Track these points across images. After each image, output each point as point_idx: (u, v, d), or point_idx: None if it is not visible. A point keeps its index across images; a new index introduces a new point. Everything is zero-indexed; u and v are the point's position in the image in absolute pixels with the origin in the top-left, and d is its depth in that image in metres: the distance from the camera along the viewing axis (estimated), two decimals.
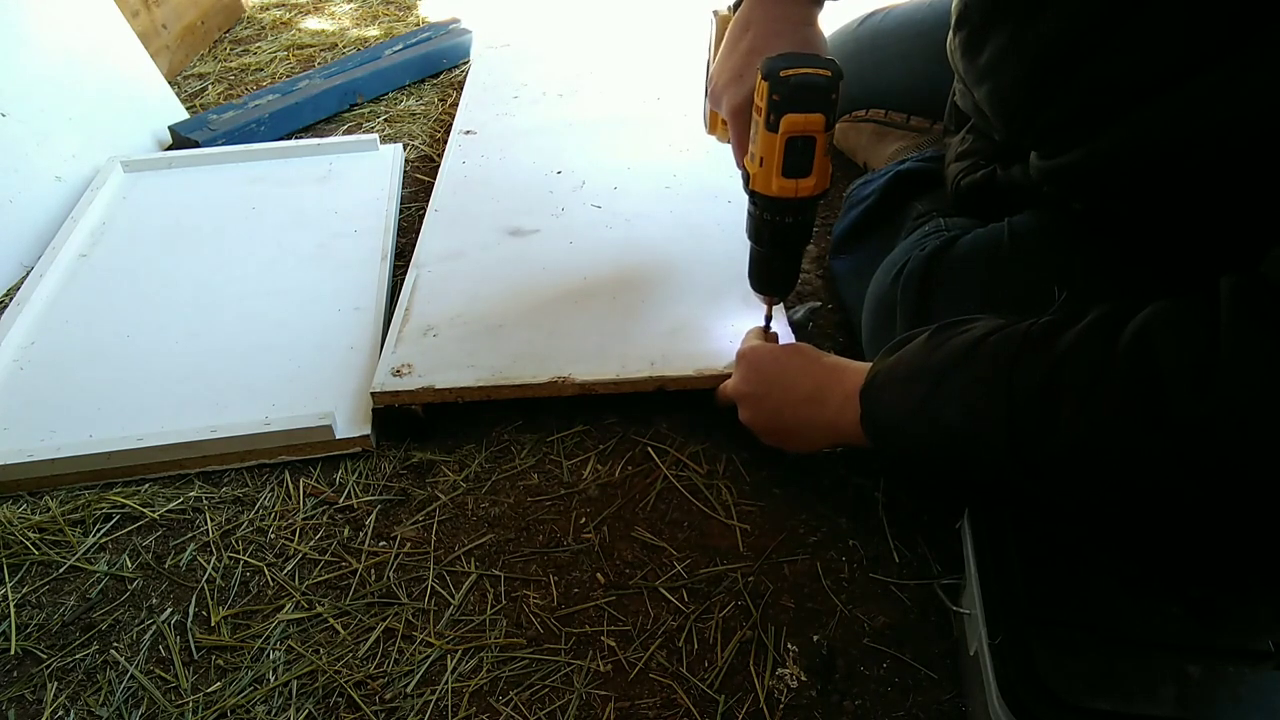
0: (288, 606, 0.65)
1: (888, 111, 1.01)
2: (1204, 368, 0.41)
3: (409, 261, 0.91)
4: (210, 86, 1.43)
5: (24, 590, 0.67)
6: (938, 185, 0.82)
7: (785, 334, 0.78)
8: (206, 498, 0.73)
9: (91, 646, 0.63)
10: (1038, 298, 0.59)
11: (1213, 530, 0.52)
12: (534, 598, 0.65)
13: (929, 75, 0.90)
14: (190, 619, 0.65)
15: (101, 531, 0.71)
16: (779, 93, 0.56)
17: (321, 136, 1.25)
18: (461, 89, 1.29)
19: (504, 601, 0.65)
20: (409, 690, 0.59)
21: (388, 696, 0.59)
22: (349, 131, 1.28)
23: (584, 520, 0.70)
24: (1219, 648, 0.46)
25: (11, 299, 0.91)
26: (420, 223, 0.97)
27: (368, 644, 0.62)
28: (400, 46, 1.42)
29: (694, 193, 0.99)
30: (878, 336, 0.71)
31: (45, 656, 0.63)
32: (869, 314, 0.74)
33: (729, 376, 0.73)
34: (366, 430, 0.76)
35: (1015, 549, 0.52)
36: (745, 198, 0.65)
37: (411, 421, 0.77)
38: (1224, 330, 0.41)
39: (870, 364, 0.60)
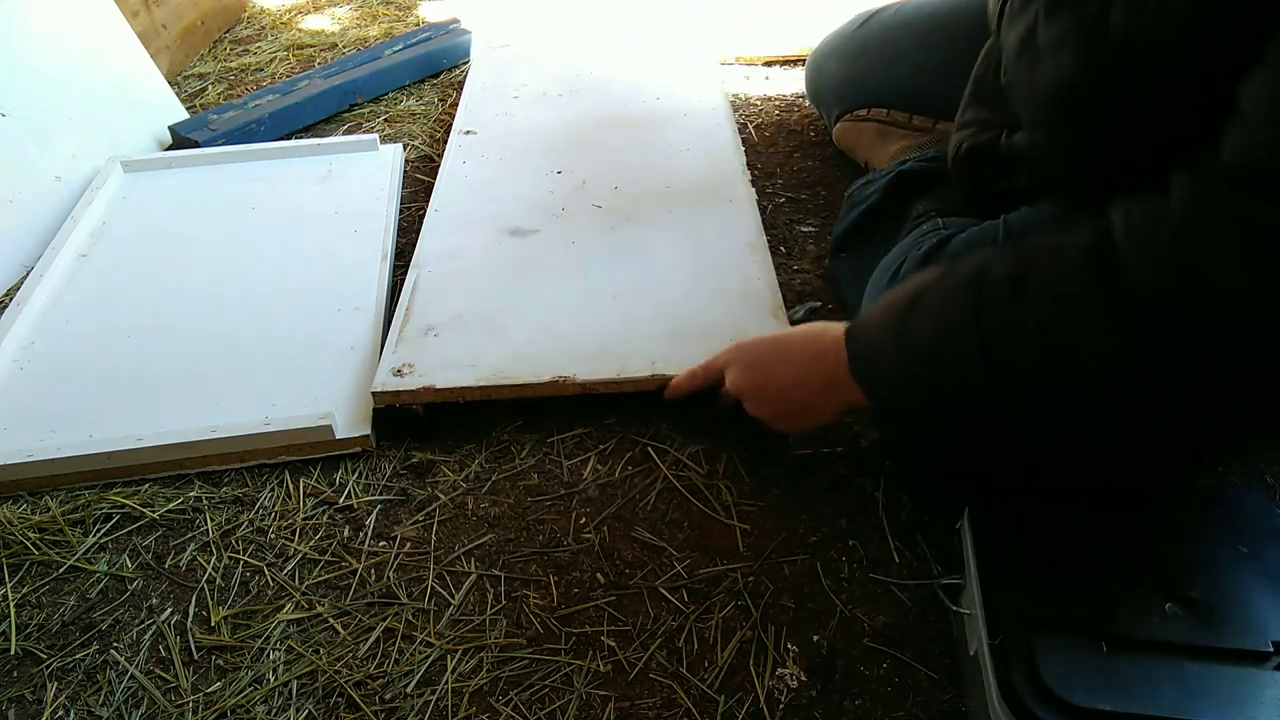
0: (288, 606, 0.65)
1: (890, 111, 1.01)
2: (1157, 234, 0.42)
3: (409, 261, 0.91)
4: (210, 86, 1.43)
5: (24, 590, 0.67)
6: (939, 185, 0.82)
7: None
8: (206, 498, 0.73)
9: (91, 646, 0.63)
10: None
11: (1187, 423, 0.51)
12: (534, 598, 0.65)
13: (941, 71, 0.89)
14: (190, 619, 0.65)
15: (101, 531, 0.71)
16: None
17: (321, 136, 1.25)
18: (461, 89, 1.29)
19: (504, 601, 0.65)
20: (409, 690, 0.59)
21: (388, 696, 0.59)
22: (349, 131, 1.28)
23: (584, 520, 0.70)
24: (1219, 648, 0.46)
25: (11, 299, 0.91)
26: (420, 223, 0.97)
27: (368, 644, 0.62)
28: (400, 46, 1.42)
29: (694, 193, 0.99)
30: None
31: (45, 656, 0.63)
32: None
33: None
34: (366, 430, 0.76)
35: (1015, 549, 0.52)
36: (744, 197, 0.65)
37: (412, 421, 0.77)
38: (1176, 198, 0.42)
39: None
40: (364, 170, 1.11)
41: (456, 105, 1.24)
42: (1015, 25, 0.58)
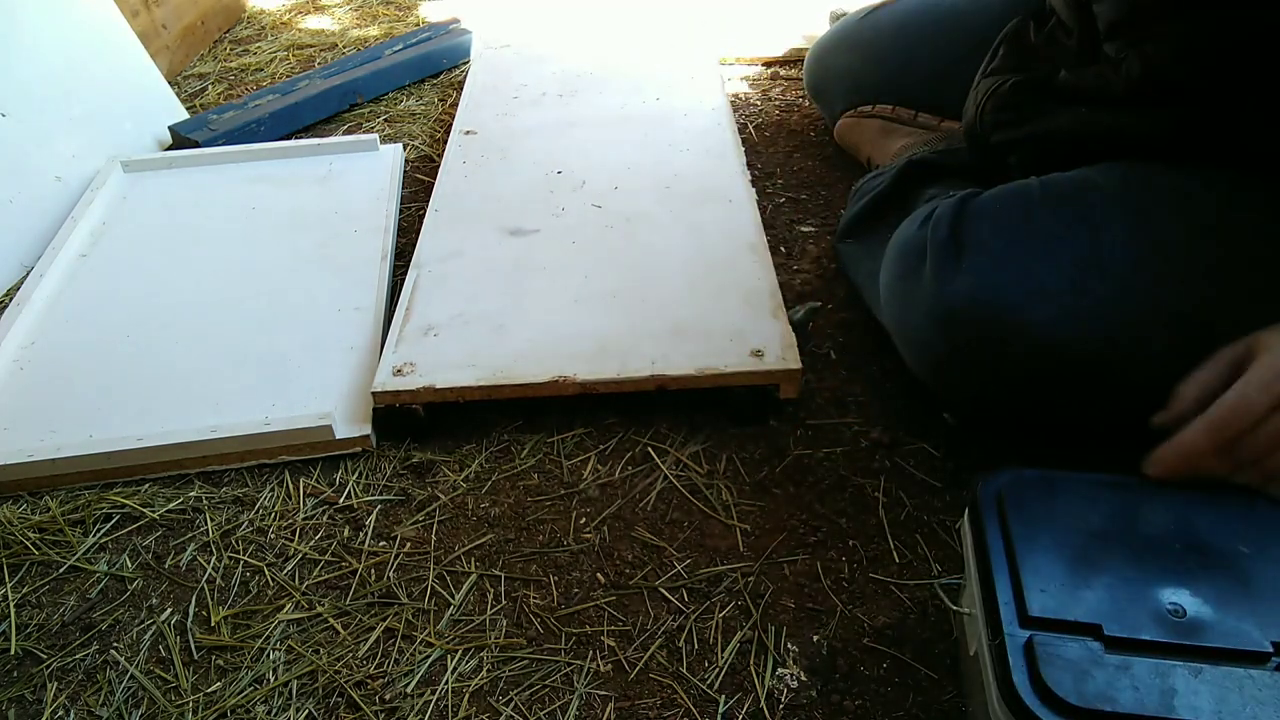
0: (288, 606, 0.65)
1: (895, 108, 1.00)
2: None
3: (409, 261, 0.91)
4: (210, 86, 1.43)
5: (24, 590, 0.67)
6: (950, 175, 0.81)
7: None
8: (206, 498, 0.73)
9: (91, 646, 0.63)
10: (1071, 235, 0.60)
11: None
12: (534, 598, 0.65)
13: (952, 63, 0.87)
14: (190, 619, 0.65)
15: (101, 531, 0.71)
16: None
17: (321, 136, 1.25)
18: (461, 89, 1.29)
19: (504, 601, 0.65)
20: (409, 690, 0.59)
21: (388, 696, 0.59)
22: (349, 131, 1.28)
23: (584, 520, 0.70)
24: (1219, 648, 0.46)
25: (11, 299, 0.91)
26: (420, 223, 0.97)
27: (368, 644, 0.62)
28: (400, 46, 1.42)
29: (694, 193, 0.99)
30: (905, 279, 0.69)
31: (45, 656, 0.63)
32: (892, 263, 0.72)
33: (728, 375, 0.73)
34: (366, 430, 0.76)
35: (1015, 549, 0.52)
36: (744, 196, 0.65)
37: (412, 421, 0.77)
38: None
39: None
40: (364, 170, 1.11)
41: (456, 105, 1.24)
42: None
